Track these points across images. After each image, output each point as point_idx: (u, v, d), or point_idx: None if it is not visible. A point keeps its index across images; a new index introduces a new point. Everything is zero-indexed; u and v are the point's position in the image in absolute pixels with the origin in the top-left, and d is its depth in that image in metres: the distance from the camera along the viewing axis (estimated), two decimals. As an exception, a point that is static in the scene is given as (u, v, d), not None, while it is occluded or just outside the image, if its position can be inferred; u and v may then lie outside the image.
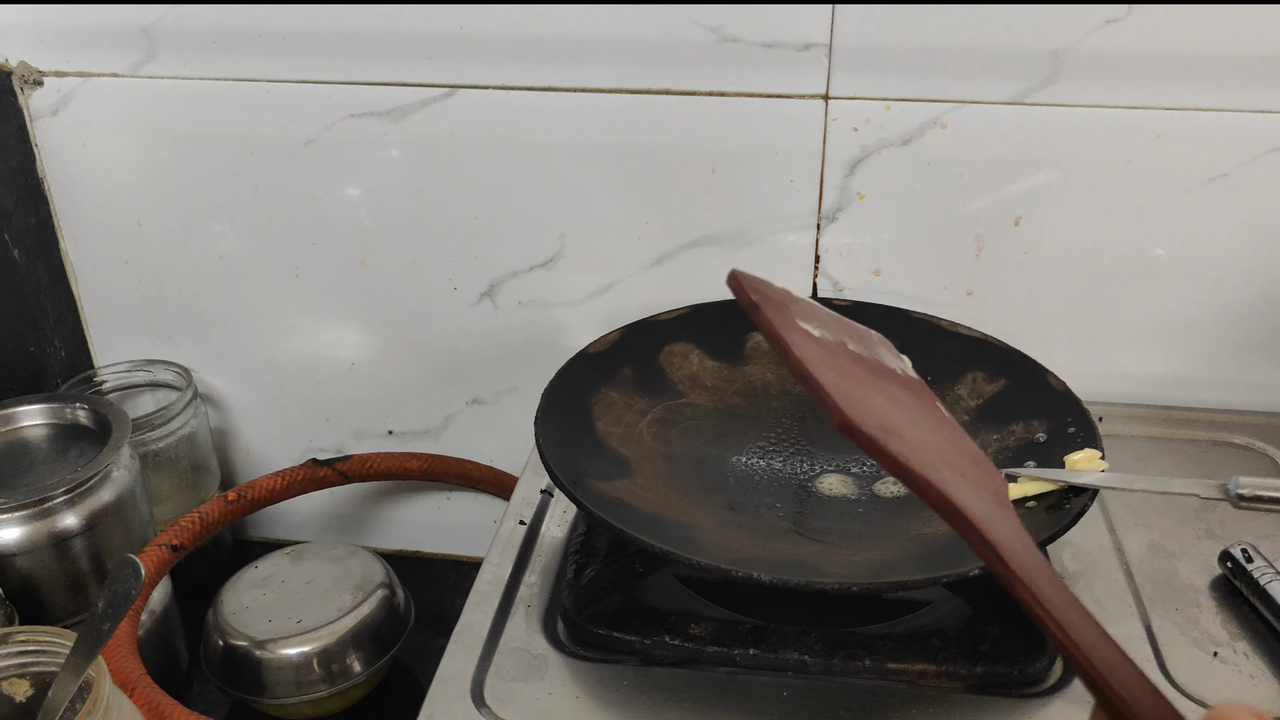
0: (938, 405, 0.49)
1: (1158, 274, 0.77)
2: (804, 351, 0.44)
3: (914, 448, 0.42)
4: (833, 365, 0.45)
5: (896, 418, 0.44)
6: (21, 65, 0.81)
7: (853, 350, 0.49)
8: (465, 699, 0.54)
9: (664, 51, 0.74)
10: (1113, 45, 0.69)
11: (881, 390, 0.47)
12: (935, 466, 0.41)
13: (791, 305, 0.48)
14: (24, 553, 0.69)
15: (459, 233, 0.82)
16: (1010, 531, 0.40)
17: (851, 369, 0.47)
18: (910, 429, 0.44)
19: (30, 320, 0.85)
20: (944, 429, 0.47)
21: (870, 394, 0.45)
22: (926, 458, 0.42)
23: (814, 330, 0.47)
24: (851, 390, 0.44)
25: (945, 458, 0.43)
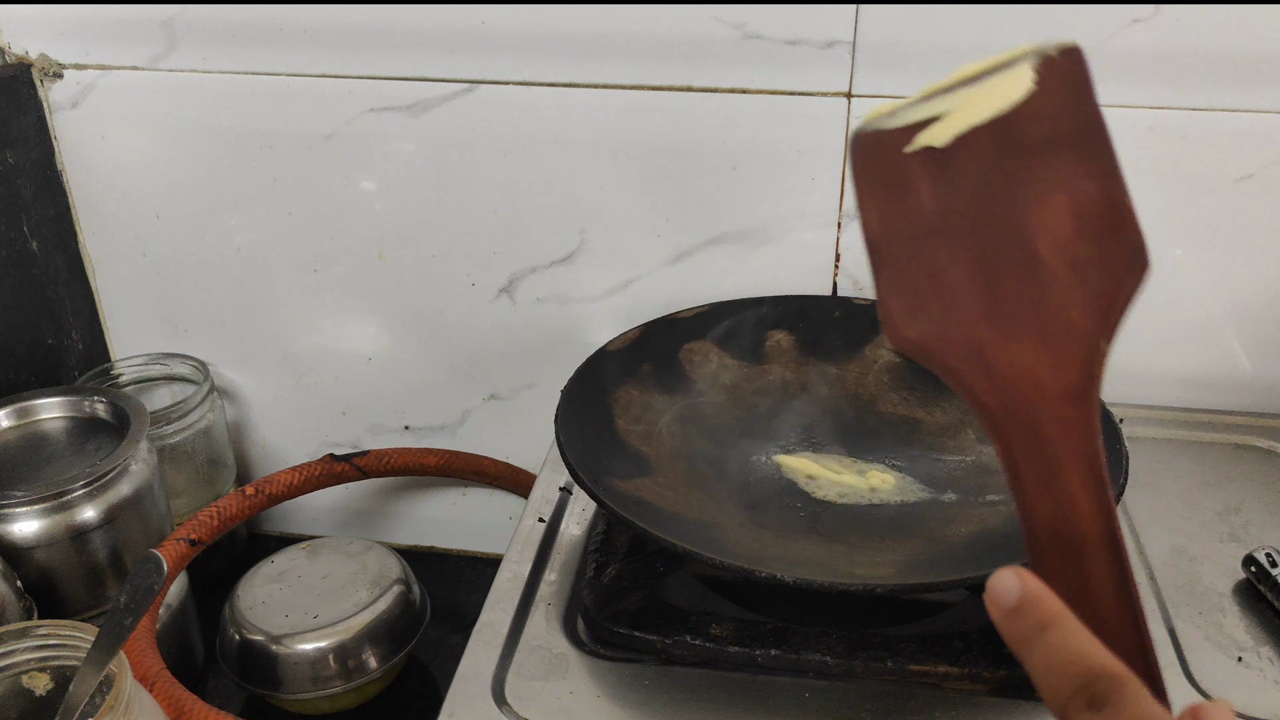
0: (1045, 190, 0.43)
1: (1180, 275, 0.76)
2: (875, 240, 0.43)
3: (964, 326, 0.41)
4: (906, 256, 0.43)
5: (954, 285, 0.42)
6: (42, 58, 0.81)
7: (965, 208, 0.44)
8: (486, 697, 0.54)
9: (687, 48, 0.73)
10: (1139, 45, 0.69)
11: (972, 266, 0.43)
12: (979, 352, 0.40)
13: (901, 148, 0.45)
14: (42, 546, 0.69)
15: (478, 228, 0.82)
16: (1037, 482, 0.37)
17: (936, 252, 0.44)
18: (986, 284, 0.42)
19: (48, 312, 0.85)
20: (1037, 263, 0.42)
21: (932, 262, 0.43)
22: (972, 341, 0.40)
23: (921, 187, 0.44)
24: (906, 305, 0.42)
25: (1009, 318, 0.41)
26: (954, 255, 0.43)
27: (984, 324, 0.41)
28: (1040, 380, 0.39)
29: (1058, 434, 0.38)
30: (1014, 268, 0.42)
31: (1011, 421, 0.39)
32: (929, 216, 0.44)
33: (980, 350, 0.41)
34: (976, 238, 0.43)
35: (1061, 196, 0.42)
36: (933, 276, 0.43)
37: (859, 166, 0.46)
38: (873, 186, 0.45)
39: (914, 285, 0.43)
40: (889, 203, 0.44)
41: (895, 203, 0.44)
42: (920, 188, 0.44)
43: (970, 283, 0.42)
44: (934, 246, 0.43)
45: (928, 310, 0.42)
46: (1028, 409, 0.39)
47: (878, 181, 0.45)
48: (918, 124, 0.44)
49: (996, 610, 0.35)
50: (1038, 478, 0.37)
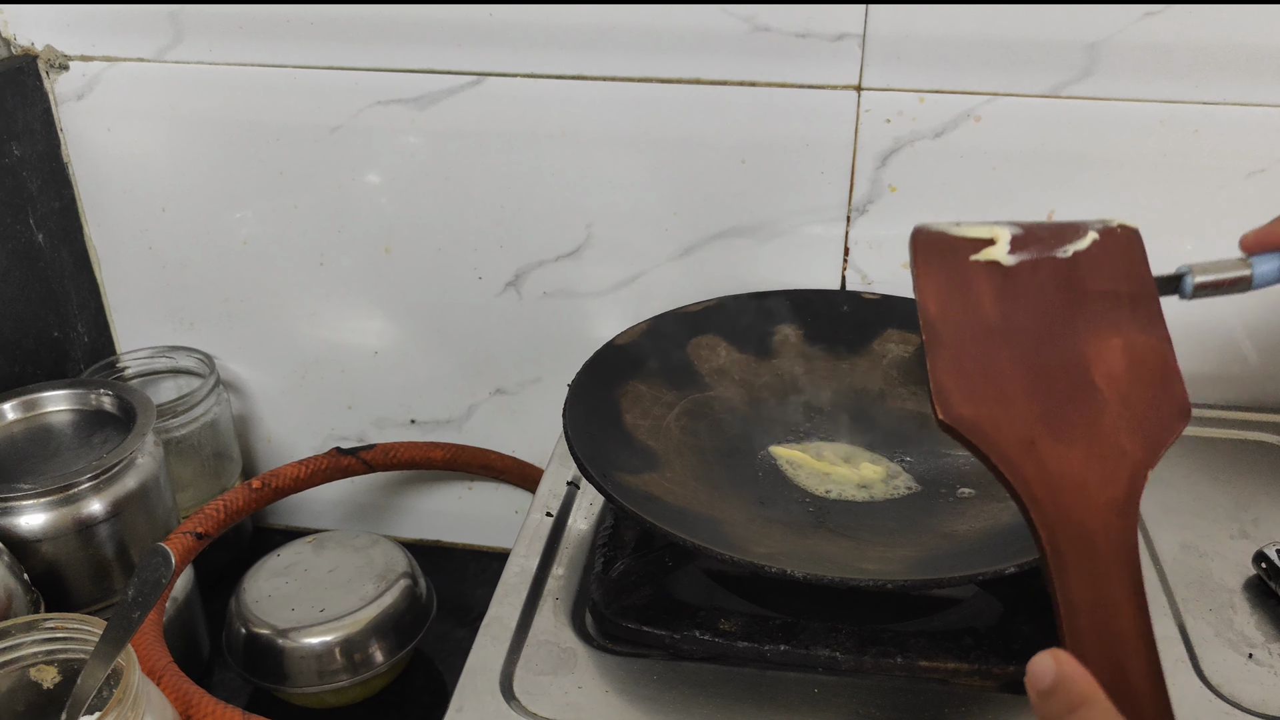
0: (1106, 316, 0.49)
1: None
2: (933, 332, 0.47)
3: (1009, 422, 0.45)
4: (959, 347, 0.47)
5: (1011, 381, 0.46)
6: (48, 49, 0.81)
7: (1018, 312, 0.49)
8: (495, 691, 0.54)
9: (695, 40, 0.73)
10: (1151, 38, 0.68)
11: (1017, 365, 0.48)
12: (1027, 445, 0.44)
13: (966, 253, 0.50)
14: (49, 539, 0.69)
15: (485, 221, 0.82)
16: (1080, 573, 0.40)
17: (986, 349, 0.48)
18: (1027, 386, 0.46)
19: (54, 305, 0.85)
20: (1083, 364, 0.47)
21: (984, 385, 0.47)
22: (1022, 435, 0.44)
23: (976, 289, 0.49)
24: (960, 386, 0.46)
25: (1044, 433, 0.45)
26: (1012, 357, 0.47)
27: (1038, 423, 0.45)
28: (1088, 487, 0.43)
29: (1102, 537, 0.41)
30: (1070, 385, 0.46)
31: (1059, 515, 0.42)
32: (989, 318, 0.48)
33: (1033, 443, 0.45)
34: (1035, 349, 0.48)
35: (1118, 340, 0.48)
36: (989, 368, 0.47)
37: (921, 255, 0.51)
38: (933, 275, 0.50)
39: (970, 370, 0.47)
40: (950, 295, 0.49)
41: (956, 297, 0.49)
42: (982, 292, 0.49)
43: (1026, 384, 0.46)
44: (993, 344, 0.48)
45: (982, 395, 0.46)
46: (1075, 509, 0.42)
47: (939, 273, 0.50)
48: (980, 239, 0.50)
49: (1033, 691, 0.38)
50: (1081, 571, 0.40)
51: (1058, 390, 0.46)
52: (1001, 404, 0.46)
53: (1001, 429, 0.45)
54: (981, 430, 0.45)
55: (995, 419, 0.45)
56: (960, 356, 0.47)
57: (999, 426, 0.45)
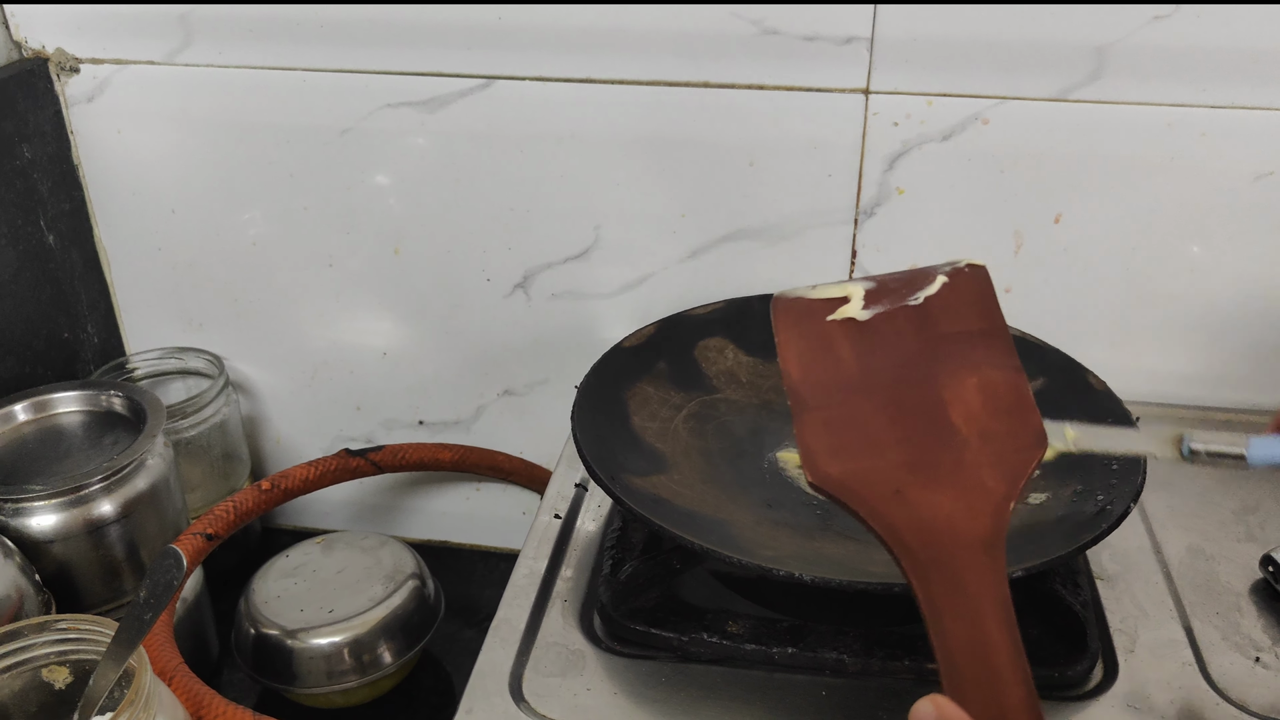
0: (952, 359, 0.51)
1: (1197, 272, 0.76)
2: (797, 398, 0.50)
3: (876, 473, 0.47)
4: (823, 408, 0.50)
5: (876, 434, 0.49)
6: (58, 52, 0.81)
7: (875, 362, 0.52)
8: (504, 693, 0.54)
9: (704, 44, 0.73)
10: (1159, 41, 0.69)
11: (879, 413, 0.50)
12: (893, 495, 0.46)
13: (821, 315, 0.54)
14: (60, 540, 0.69)
15: (493, 223, 0.82)
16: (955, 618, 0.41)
17: (847, 404, 0.50)
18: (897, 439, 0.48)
19: (64, 306, 0.85)
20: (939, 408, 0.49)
21: (850, 436, 0.49)
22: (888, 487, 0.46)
23: (834, 349, 0.52)
24: (824, 444, 0.48)
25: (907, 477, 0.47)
26: (874, 409, 0.49)
27: (903, 470, 0.47)
28: (956, 527, 0.44)
29: (973, 577, 0.42)
30: (931, 428, 0.48)
31: (930, 560, 0.43)
32: (850, 374, 0.51)
33: (900, 492, 0.46)
34: (896, 398, 0.50)
35: (973, 378, 0.50)
36: (853, 424, 0.49)
37: (780, 322, 0.54)
38: (793, 341, 0.53)
39: (835, 429, 0.49)
40: (810, 357, 0.52)
41: (817, 358, 0.52)
42: (841, 349, 0.52)
43: (890, 434, 0.48)
44: (855, 399, 0.50)
45: (849, 451, 0.48)
46: (945, 552, 0.43)
47: (798, 337, 0.53)
48: (835, 299, 0.54)
49: None
50: (955, 614, 0.41)
51: (921, 436, 0.48)
52: (868, 457, 0.48)
53: (869, 483, 0.47)
54: (849, 487, 0.47)
55: (862, 474, 0.47)
56: (826, 417, 0.49)
57: (866, 481, 0.47)
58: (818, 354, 0.52)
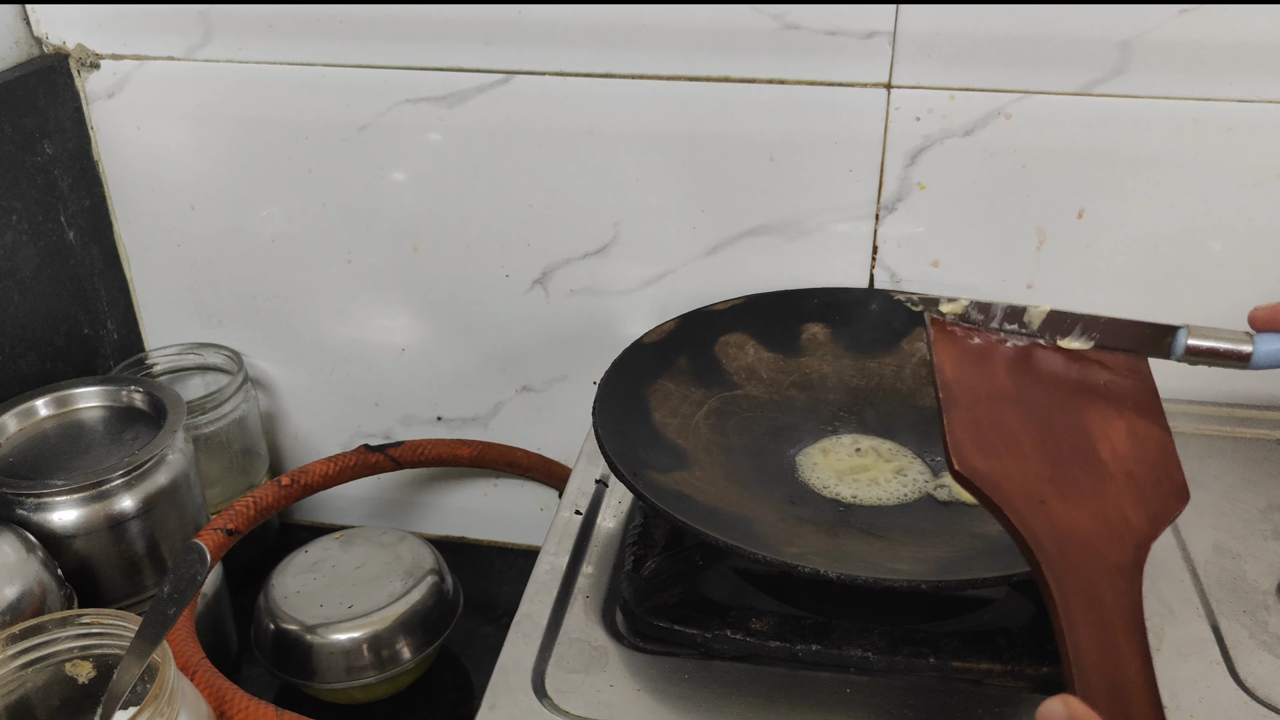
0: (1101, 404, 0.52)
1: (1222, 268, 0.75)
2: (948, 391, 0.50)
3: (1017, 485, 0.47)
4: (973, 407, 0.50)
5: (1022, 442, 0.49)
6: (79, 48, 0.81)
7: (1018, 380, 0.53)
8: (527, 689, 0.54)
9: (724, 38, 0.73)
10: (1184, 35, 0.68)
11: (1024, 400, 0.51)
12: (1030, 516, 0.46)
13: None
14: (81, 534, 0.69)
15: (512, 219, 0.82)
16: (1088, 624, 0.42)
17: (995, 409, 0.51)
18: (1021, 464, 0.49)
19: (84, 302, 0.85)
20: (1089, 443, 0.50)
21: (997, 438, 0.49)
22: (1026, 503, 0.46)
23: (982, 360, 0.53)
24: (973, 439, 0.49)
25: (1051, 491, 0.47)
26: (1024, 423, 0.50)
27: (1048, 483, 0.48)
28: (1096, 548, 0.45)
29: (1110, 596, 0.43)
30: (1077, 455, 0.49)
31: (1067, 570, 0.44)
32: (1003, 387, 0.52)
33: (1043, 502, 0.47)
34: (1044, 419, 0.51)
35: (1122, 422, 0.51)
36: (1002, 430, 0.50)
37: (937, 329, 0.54)
38: (948, 344, 0.53)
39: (984, 429, 0.50)
40: (964, 363, 0.53)
41: (970, 366, 0.52)
42: (996, 365, 0.53)
43: (1037, 449, 0.49)
44: (1005, 410, 0.51)
45: (996, 450, 0.49)
46: (1083, 566, 0.44)
47: (953, 343, 0.53)
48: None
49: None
50: (1089, 624, 0.42)
51: (1067, 458, 0.49)
52: (1014, 460, 0.48)
53: (1014, 483, 0.47)
54: (995, 483, 0.47)
55: (1008, 474, 0.47)
56: (974, 415, 0.50)
57: (1011, 481, 0.47)
58: (972, 362, 0.53)
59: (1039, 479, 0.48)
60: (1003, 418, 0.50)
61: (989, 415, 0.50)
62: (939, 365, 0.52)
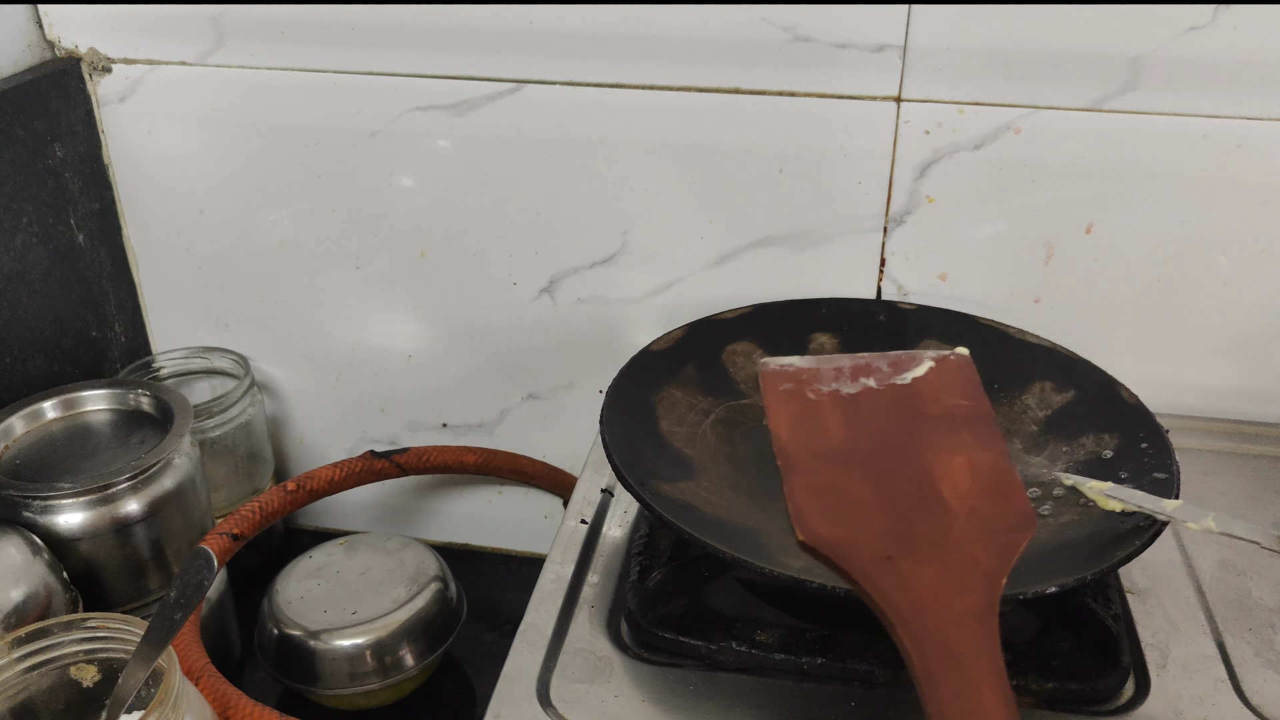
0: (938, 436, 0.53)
1: (1230, 284, 0.75)
2: (785, 460, 0.51)
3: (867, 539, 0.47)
4: (809, 473, 0.51)
5: (851, 525, 0.49)
6: (91, 52, 0.82)
7: (849, 432, 0.54)
8: (531, 699, 0.54)
9: (735, 50, 0.73)
10: (1195, 52, 0.68)
11: (860, 477, 0.51)
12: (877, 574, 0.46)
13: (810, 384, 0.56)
14: (87, 537, 0.69)
15: (521, 228, 0.82)
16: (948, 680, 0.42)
17: (828, 471, 0.51)
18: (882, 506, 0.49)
19: (93, 305, 0.86)
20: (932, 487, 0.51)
21: (833, 500, 0.50)
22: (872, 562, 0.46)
23: (816, 417, 0.54)
24: (813, 505, 0.49)
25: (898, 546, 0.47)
26: (862, 479, 0.50)
27: (894, 539, 0.48)
28: (946, 599, 0.45)
29: (966, 646, 0.43)
30: (920, 500, 0.49)
31: (922, 629, 0.44)
32: (839, 444, 0.52)
33: (891, 559, 0.47)
34: (883, 470, 0.51)
35: (961, 458, 0.51)
36: (842, 492, 0.50)
37: (769, 387, 0.56)
38: (782, 405, 0.54)
39: (824, 493, 0.50)
40: (799, 423, 0.53)
41: (804, 424, 0.53)
42: (829, 419, 0.53)
43: (877, 504, 0.49)
44: (845, 469, 0.51)
45: (838, 515, 0.49)
46: (938, 621, 0.44)
47: (786, 402, 0.54)
48: (822, 370, 0.56)
49: None
50: (950, 684, 0.42)
51: (909, 507, 0.49)
52: (857, 522, 0.48)
53: (860, 547, 0.47)
54: (841, 548, 0.47)
55: (853, 537, 0.48)
56: (815, 479, 0.51)
57: (857, 545, 0.47)
58: (805, 420, 0.53)
59: (884, 536, 0.47)
60: (843, 479, 0.51)
61: (829, 478, 0.50)
62: (775, 431, 0.52)
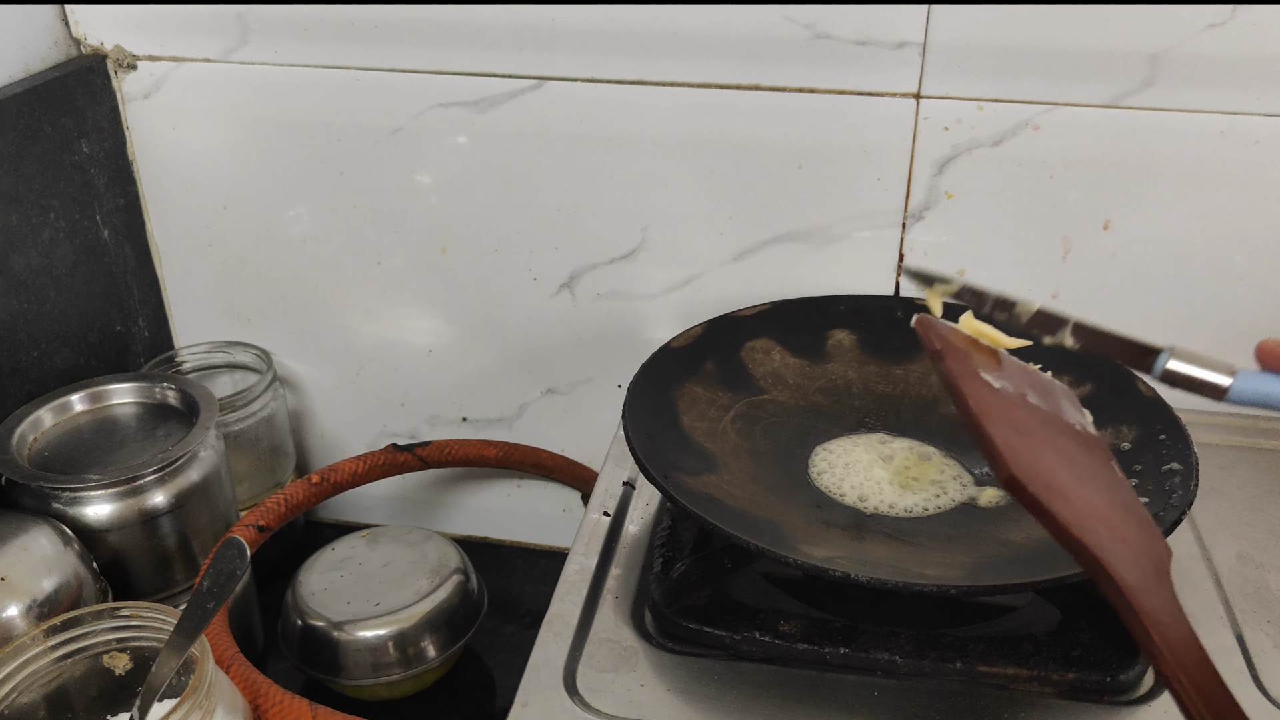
0: (1112, 464, 0.51)
1: (1245, 280, 0.76)
2: (980, 403, 0.47)
3: (1077, 508, 0.44)
4: (1007, 419, 0.47)
5: (1064, 475, 0.46)
6: (116, 49, 0.82)
7: (1032, 403, 0.51)
8: (558, 687, 0.55)
9: (756, 47, 0.73)
10: (1214, 49, 0.68)
11: (1054, 445, 0.49)
12: (1095, 530, 0.43)
13: (975, 354, 0.51)
14: (115, 529, 0.70)
15: (541, 223, 0.83)
16: (1163, 605, 0.42)
17: (1026, 422, 0.49)
18: (1077, 487, 0.46)
19: (117, 299, 0.87)
20: (1113, 489, 0.49)
21: (1041, 449, 0.47)
22: (1088, 520, 0.43)
23: (994, 381, 0.50)
24: (1022, 446, 0.46)
25: (1108, 520, 0.45)
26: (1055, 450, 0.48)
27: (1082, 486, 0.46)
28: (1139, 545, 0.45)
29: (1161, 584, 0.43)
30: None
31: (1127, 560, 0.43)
32: (1020, 401, 0.50)
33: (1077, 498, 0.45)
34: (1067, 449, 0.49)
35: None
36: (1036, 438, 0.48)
37: (954, 359, 0.51)
38: (969, 377, 0.50)
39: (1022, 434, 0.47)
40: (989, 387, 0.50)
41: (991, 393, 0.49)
42: (1016, 401, 0.50)
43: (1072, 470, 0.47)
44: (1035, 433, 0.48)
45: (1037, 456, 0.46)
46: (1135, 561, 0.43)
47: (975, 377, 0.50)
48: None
49: None
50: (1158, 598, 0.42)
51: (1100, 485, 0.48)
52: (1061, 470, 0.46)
53: (1065, 486, 0.45)
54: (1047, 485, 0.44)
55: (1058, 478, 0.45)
56: (1011, 421, 0.48)
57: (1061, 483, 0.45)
58: (992, 391, 0.50)
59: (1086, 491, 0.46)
60: (1038, 438, 0.49)
61: (1026, 429, 0.48)
62: (967, 391, 0.48)
